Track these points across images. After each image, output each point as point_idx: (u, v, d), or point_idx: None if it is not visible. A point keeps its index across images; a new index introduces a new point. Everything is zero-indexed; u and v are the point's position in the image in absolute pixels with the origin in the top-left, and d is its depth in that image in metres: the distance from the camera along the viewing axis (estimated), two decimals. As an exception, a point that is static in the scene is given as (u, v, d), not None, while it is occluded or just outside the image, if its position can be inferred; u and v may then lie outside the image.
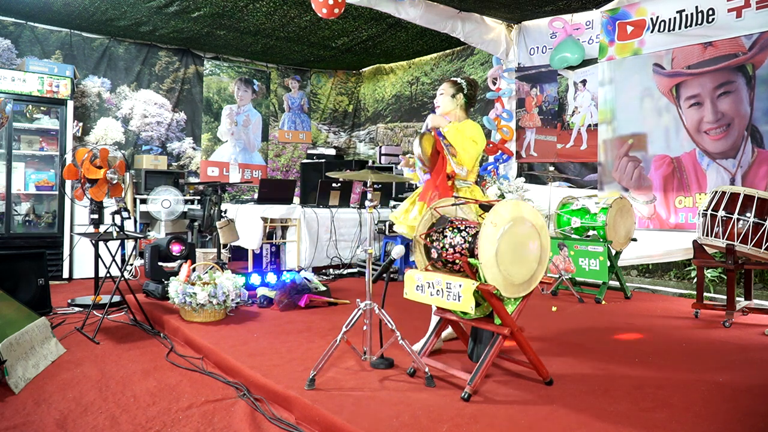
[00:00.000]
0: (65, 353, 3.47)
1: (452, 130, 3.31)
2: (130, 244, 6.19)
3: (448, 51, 8.33)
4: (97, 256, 4.54)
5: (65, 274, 6.03)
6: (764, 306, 4.68)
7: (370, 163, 8.55)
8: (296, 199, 6.78)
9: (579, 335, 3.90)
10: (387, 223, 6.44)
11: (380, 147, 8.65)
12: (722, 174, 5.42)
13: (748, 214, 4.13)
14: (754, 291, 4.76)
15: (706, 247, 4.53)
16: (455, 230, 2.77)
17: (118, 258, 4.44)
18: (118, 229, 4.22)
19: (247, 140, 8.77)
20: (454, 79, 3.56)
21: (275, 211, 6.09)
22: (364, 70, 9.86)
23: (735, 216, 4.17)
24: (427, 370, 2.82)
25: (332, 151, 8.94)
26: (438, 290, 2.72)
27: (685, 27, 5.61)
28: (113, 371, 3.17)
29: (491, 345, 2.72)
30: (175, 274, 4.50)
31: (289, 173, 9.30)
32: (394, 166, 8.02)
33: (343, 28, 7.21)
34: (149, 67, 7.98)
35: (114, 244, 5.29)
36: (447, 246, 2.76)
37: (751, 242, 4.13)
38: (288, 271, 5.43)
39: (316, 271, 6.18)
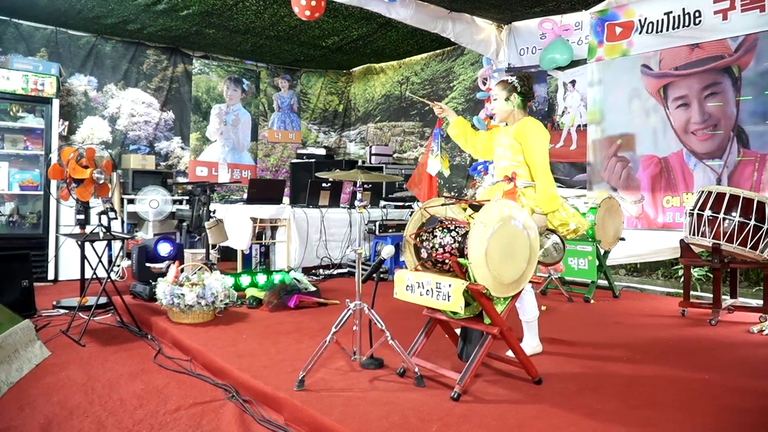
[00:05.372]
0: (50, 356, 3.42)
1: (522, 145, 3.24)
2: (117, 245, 6.14)
3: (438, 51, 8.34)
4: (83, 257, 4.50)
5: (50, 276, 5.96)
6: (749, 304, 4.73)
7: (360, 163, 8.54)
8: (286, 199, 6.75)
9: (568, 334, 3.92)
10: (377, 223, 6.44)
11: (370, 147, 8.64)
12: (709, 174, 5.47)
13: (733, 214, 4.18)
14: (740, 289, 4.81)
15: (692, 246, 4.57)
16: (445, 230, 2.77)
17: (104, 259, 4.40)
18: (104, 230, 4.19)
19: (237, 140, 8.73)
20: (505, 79, 3.39)
21: (265, 211, 6.06)
22: (354, 69, 9.84)
23: (721, 215, 4.21)
24: (416, 370, 2.82)
25: (322, 151, 8.92)
26: (428, 290, 2.72)
27: (673, 29, 5.65)
28: (99, 374, 3.14)
29: (481, 345, 2.72)
30: (163, 275, 4.47)
31: (278, 173, 9.26)
32: (384, 165, 8.02)
33: (333, 28, 7.19)
34: (137, 65, 7.91)
35: (100, 245, 5.23)
36: (437, 246, 2.76)
37: (736, 241, 4.18)
38: (277, 271, 5.40)
39: (306, 271, 6.15)
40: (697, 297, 5.25)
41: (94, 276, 4.15)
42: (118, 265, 6.01)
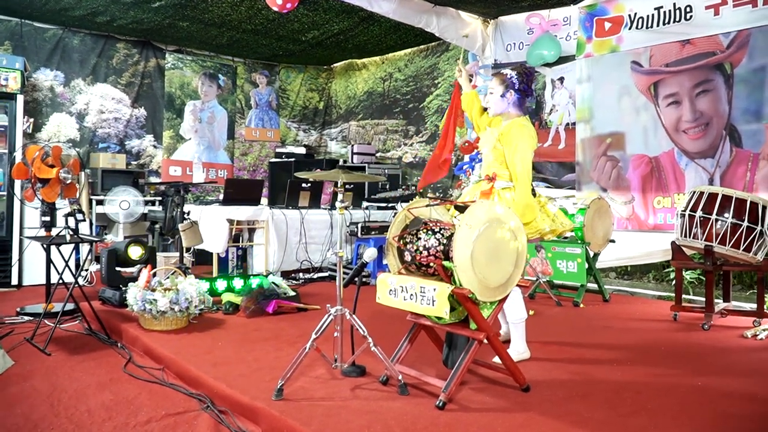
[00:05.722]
0: (13, 366, 3.37)
1: (505, 148, 3.28)
2: (85, 249, 6.06)
3: (422, 46, 8.35)
4: (49, 261, 4.43)
5: (14, 281, 5.86)
6: (743, 308, 4.80)
7: (341, 162, 8.53)
8: (264, 200, 6.72)
9: (557, 339, 3.94)
10: (359, 225, 6.43)
11: (352, 145, 8.63)
12: (701, 174, 5.54)
13: (726, 215, 4.23)
14: (733, 292, 4.87)
15: (684, 248, 4.62)
16: (429, 232, 2.77)
17: (71, 263, 4.35)
18: (71, 232, 4.13)
19: (212, 138, 8.67)
20: (504, 73, 3.38)
21: (242, 212, 6.02)
22: (335, 65, 9.83)
23: (713, 216, 4.26)
24: (400, 377, 2.82)
25: (302, 150, 8.89)
26: (412, 294, 2.73)
27: (663, 24, 5.72)
28: (66, 384, 3.09)
29: (466, 351, 2.73)
30: (134, 279, 4.42)
31: (256, 173, 9.22)
32: (366, 165, 8.01)
33: (313, 21, 7.18)
34: (106, 59, 7.82)
35: (67, 249, 5.17)
36: (421, 248, 2.76)
37: (729, 243, 4.23)
38: (255, 275, 5.37)
39: (285, 275, 6.13)
40: (689, 300, 5.32)
41: (61, 281, 4.09)
42: (87, 270, 5.93)
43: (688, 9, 5.54)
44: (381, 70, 9.06)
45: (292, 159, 8.33)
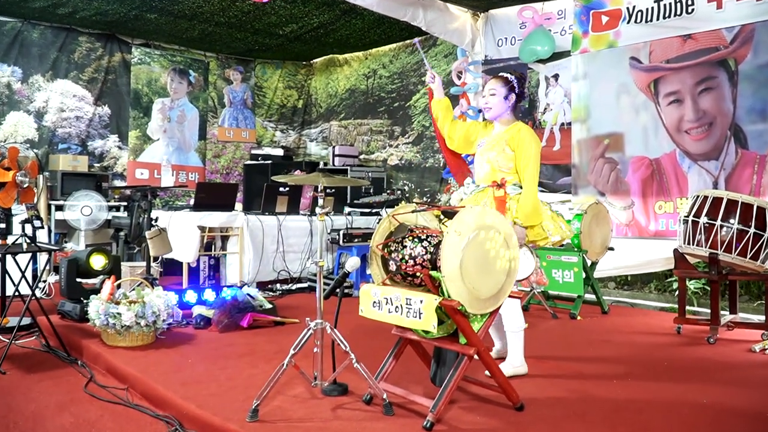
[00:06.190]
0: (-37, 386, 3.33)
1: (515, 152, 3.43)
2: (43, 258, 6.00)
3: (408, 41, 8.38)
4: (4, 271, 4.38)
5: (-35, 294, 5.79)
6: (750, 320, 4.84)
7: (322, 165, 8.52)
8: (238, 206, 6.70)
9: (553, 354, 3.96)
10: (341, 232, 6.43)
11: (333, 147, 8.63)
12: (704, 177, 5.59)
13: (731, 221, 4.26)
14: (740, 304, 4.91)
15: (687, 257, 4.65)
16: (416, 240, 2.77)
17: (28, 274, 4.30)
18: (28, 241, 4.09)
19: (182, 139, 8.62)
20: (505, 75, 3.55)
21: (214, 218, 5.99)
22: (315, 61, 9.84)
23: (718, 222, 4.30)
24: (385, 396, 2.81)
25: (280, 152, 8.89)
26: (397, 307, 2.72)
27: (663, 18, 5.78)
28: (22, 406, 3.06)
29: (456, 367, 2.73)
30: (96, 291, 4.38)
31: (230, 176, 9.18)
32: (349, 168, 8.01)
33: (290, 14, 7.18)
34: (68, 54, 7.77)
35: (24, 258, 5.11)
36: (407, 257, 2.76)
37: (735, 251, 4.26)
38: (229, 286, 5.34)
39: (261, 286, 6.10)
40: (693, 312, 5.35)
41: (17, 293, 4.04)
42: (45, 281, 5.87)
43: (689, 2, 5.60)
44: (364, 67, 9.07)
45: (269, 161, 8.32)
